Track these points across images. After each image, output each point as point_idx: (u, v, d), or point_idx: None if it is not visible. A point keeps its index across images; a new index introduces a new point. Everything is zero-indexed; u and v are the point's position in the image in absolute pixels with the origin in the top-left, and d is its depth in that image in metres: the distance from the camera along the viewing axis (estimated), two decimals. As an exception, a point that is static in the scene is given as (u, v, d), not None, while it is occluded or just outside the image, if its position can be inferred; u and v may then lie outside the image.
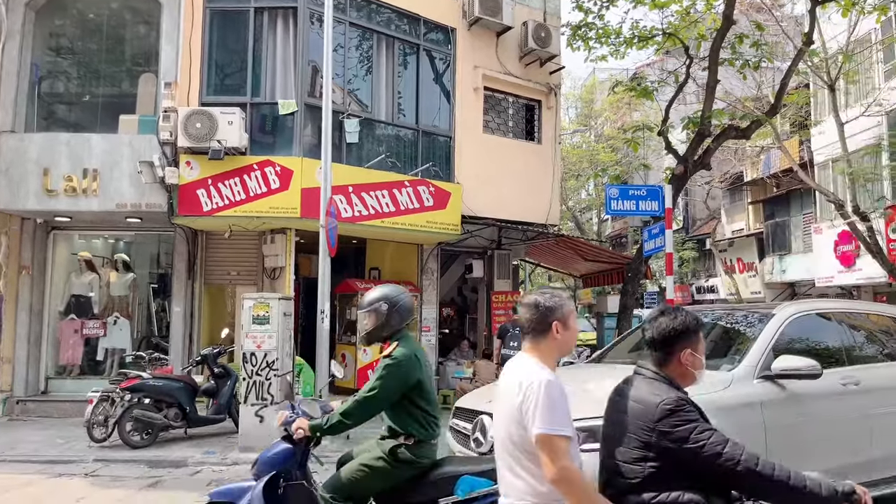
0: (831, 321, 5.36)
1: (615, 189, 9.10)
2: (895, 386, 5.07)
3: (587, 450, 3.72)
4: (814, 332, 5.25)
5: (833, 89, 16.08)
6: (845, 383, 4.82)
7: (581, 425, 3.81)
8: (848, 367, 4.99)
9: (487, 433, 4.35)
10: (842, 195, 17.38)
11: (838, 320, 5.37)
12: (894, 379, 5.11)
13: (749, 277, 26.72)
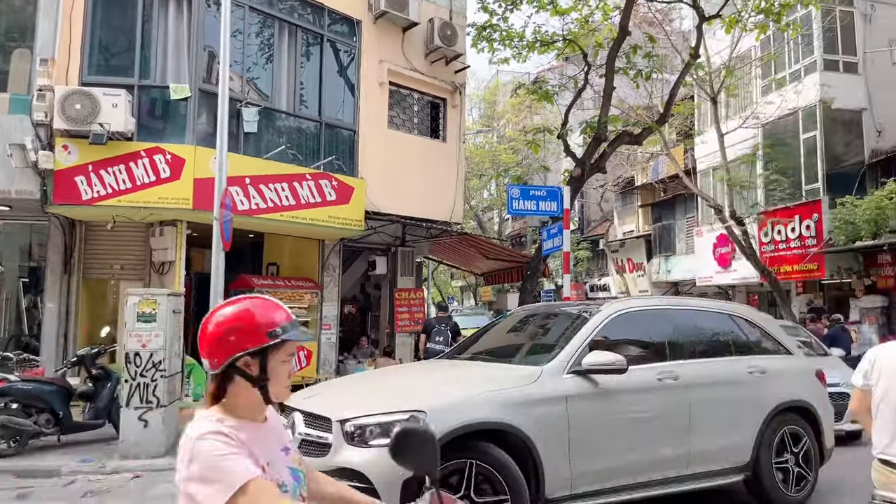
0: (657, 317, 5.48)
1: (517, 189, 9.28)
2: (715, 381, 5.20)
3: (377, 445, 3.81)
4: (638, 328, 5.36)
5: (715, 102, 17.24)
6: (662, 378, 4.90)
7: (378, 420, 3.91)
8: (670, 362, 5.07)
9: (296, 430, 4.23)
10: (721, 201, 18.68)
11: (664, 317, 5.49)
12: (715, 374, 5.25)
13: (638, 277, 28.21)
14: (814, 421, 5.63)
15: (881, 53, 17.87)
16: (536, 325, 5.95)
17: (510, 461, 4.10)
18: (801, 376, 5.81)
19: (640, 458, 4.70)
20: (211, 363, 1.65)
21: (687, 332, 5.51)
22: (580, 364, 4.53)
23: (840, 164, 17.75)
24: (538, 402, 4.29)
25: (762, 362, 5.56)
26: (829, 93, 17.47)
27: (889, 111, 17.62)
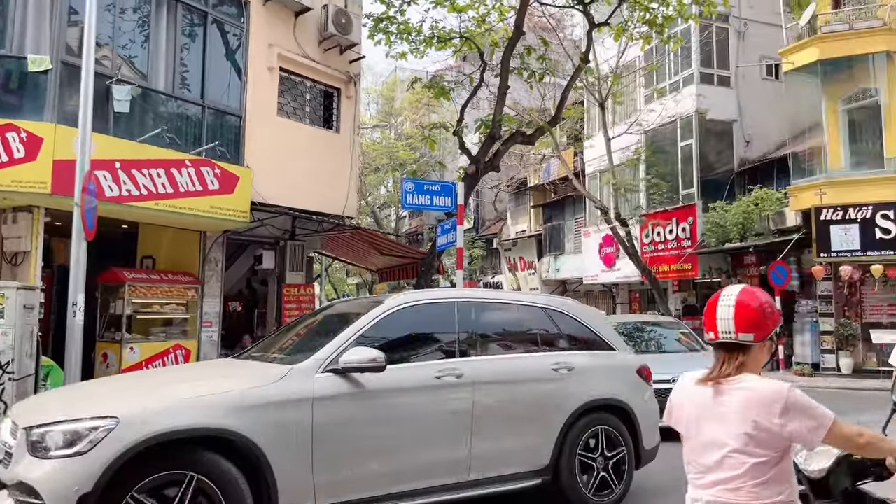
0: (448, 311, 4.92)
1: (411, 183, 9.14)
2: (510, 378, 4.87)
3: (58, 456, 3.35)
4: (426, 323, 4.92)
5: (603, 107, 17.97)
6: (442, 376, 4.51)
7: (63, 428, 3.42)
8: (457, 359, 4.69)
9: None
10: (607, 203, 19.51)
11: (457, 310, 4.93)
12: (510, 371, 4.92)
13: (529, 275, 28.98)
14: (629, 420, 5.29)
15: (752, 68, 19.36)
16: (333, 321, 5.20)
17: (236, 474, 3.64)
18: (618, 373, 5.48)
19: (403, 464, 4.26)
20: (756, 335, 2.15)
21: (485, 326, 5.10)
22: (338, 362, 4.10)
23: (713, 171, 19.05)
24: (275, 404, 3.83)
25: (573, 358, 5.21)
26: (705, 104, 18.70)
27: (757, 123, 19.12)
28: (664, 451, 5.55)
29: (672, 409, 2.40)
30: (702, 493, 2.15)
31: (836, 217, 14.43)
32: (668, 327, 10.89)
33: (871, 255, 14.05)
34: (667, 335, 10.38)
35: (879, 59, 14.65)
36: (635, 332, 10.32)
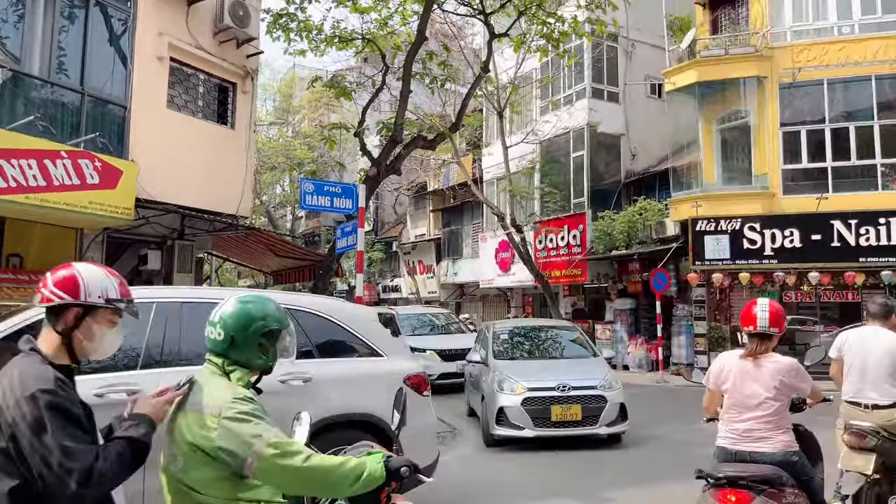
0: (146, 314, 4.20)
1: (311, 184, 8.95)
2: None
3: None
4: None
5: (501, 116, 18.46)
6: (103, 393, 3.82)
7: None
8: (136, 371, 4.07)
9: None
10: (503, 209, 20.04)
11: (157, 312, 4.32)
12: None
13: (428, 278, 29.19)
14: (386, 439, 4.15)
15: (638, 86, 20.57)
16: None
17: None
18: (375, 384, 4.64)
19: None
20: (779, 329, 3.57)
21: (185, 332, 4.26)
22: None
23: (602, 182, 20.06)
24: None
25: (312, 368, 4.54)
26: (596, 117, 19.65)
27: (642, 137, 20.32)
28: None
29: (719, 374, 3.73)
30: (739, 425, 3.55)
31: (710, 228, 15.59)
32: (564, 330, 10.60)
33: (740, 264, 15.30)
34: (562, 340, 10.02)
35: (750, 84, 16.02)
36: (531, 334, 10.22)
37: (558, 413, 7.83)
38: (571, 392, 7.90)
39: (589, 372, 8.44)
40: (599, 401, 7.96)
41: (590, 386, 8.06)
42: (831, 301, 15.40)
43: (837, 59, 15.15)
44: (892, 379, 4.43)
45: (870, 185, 14.99)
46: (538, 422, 7.84)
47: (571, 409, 7.85)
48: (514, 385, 8.04)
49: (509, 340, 9.80)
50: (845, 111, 15.50)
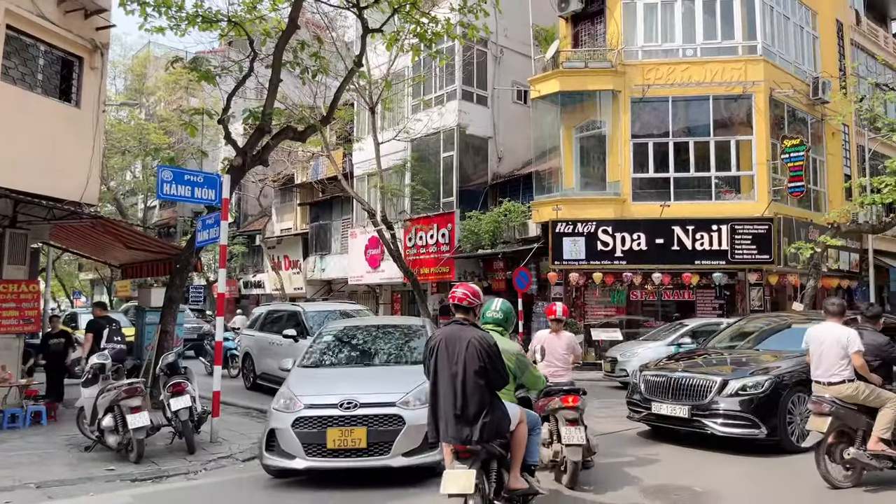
0: None
1: (169, 172, 8.35)
2: None
3: None
4: None
5: (373, 112, 18.35)
6: None
7: None
8: None
9: None
10: (374, 206, 19.95)
11: None
12: None
13: (294, 274, 28.39)
14: None
15: (506, 91, 21.32)
16: None
17: None
18: None
19: None
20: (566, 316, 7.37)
21: None
22: None
23: (470, 182, 20.59)
24: None
25: None
26: (465, 119, 20.14)
27: (509, 141, 21.11)
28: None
29: (540, 342, 6.57)
30: (551, 369, 6.50)
31: (568, 230, 16.55)
32: (407, 331, 8.02)
33: (594, 264, 16.38)
34: (398, 342, 7.76)
35: (606, 96, 17.18)
36: (362, 335, 8.05)
37: (336, 438, 5.81)
38: (358, 410, 5.89)
39: (395, 383, 6.35)
40: (394, 422, 5.86)
41: (384, 402, 5.97)
42: (671, 299, 16.90)
43: (681, 78, 16.66)
44: (840, 362, 5.98)
45: (705, 194, 16.65)
46: (311, 449, 5.87)
47: (354, 433, 5.82)
48: (292, 401, 6.15)
49: (332, 344, 7.74)
50: (686, 127, 17.10)
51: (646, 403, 7.91)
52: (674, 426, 7.68)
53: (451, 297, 4.45)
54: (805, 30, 18.97)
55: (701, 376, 7.55)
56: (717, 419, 7.18)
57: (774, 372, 7.34)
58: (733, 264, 15.87)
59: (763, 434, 7.03)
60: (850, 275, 19.07)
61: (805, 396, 7.07)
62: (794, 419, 7.29)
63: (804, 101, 17.89)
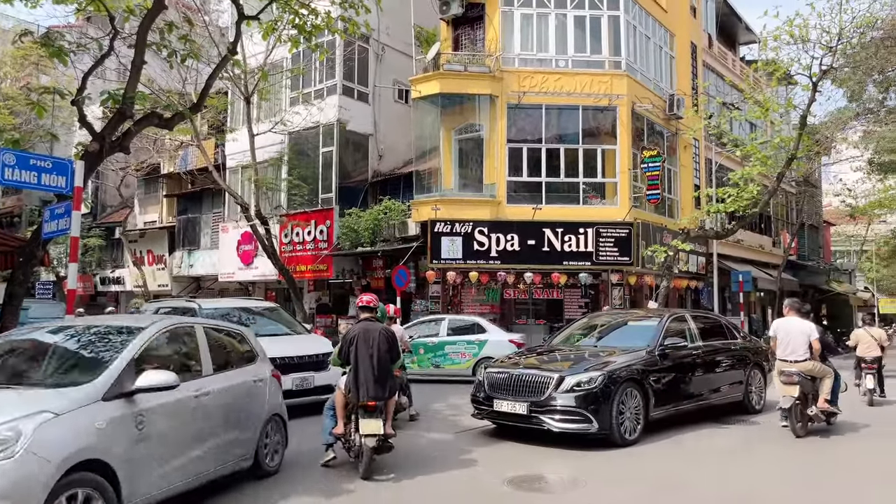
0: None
1: (11, 155, 7.53)
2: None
3: None
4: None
5: (249, 102, 17.66)
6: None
7: None
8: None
9: None
10: (248, 199, 19.21)
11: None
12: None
13: (158, 270, 26.67)
14: None
15: (387, 90, 21.30)
16: None
17: None
18: None
19: None
20: None
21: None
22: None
23: (350, 179, 20.39)
24: None
25: None
26: (346, 115, 19.91)
27: (389, 139, 21.11)
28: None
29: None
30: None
31: (446, 230, 16.84)
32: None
33: (470, 264, 16.79)
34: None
35: (484, 100, 17.66)
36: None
37: None
38: None
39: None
40: None
41: None
42: (542, 298, 17.70)
43: (554, 87, 17.49)
44: (803, 346, 8.09)
45: (574, 199, 17.60)
46: None
47: None
48: None
49: None
50: (558, 134, 17.98)
51: (488, 401, 7.85)
52: (514, 423, 7.68)
53: (360, 301, 6.81)
54: (664, 50, 20.58)
55: (540, 373, 7.64)
56: (554, 415, 7.27)
57: (608, 368, 7.51)
58: (597, 265, 16.90)
59: (595, 429, 7.16)
60: (698, 276, 20.94)
61: (636, 392, 7.53)
62: (624, 413, 7.43)
63: (661, 116, 19.42)
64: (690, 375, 8.58)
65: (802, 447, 7.62)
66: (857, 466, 6.83)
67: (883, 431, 8.61)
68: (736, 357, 9.58)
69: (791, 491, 5.88)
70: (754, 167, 15.92)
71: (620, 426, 7.34)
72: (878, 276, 45.90)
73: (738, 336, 10.19)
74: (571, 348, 8.89)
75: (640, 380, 7.70)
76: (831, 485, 6.11)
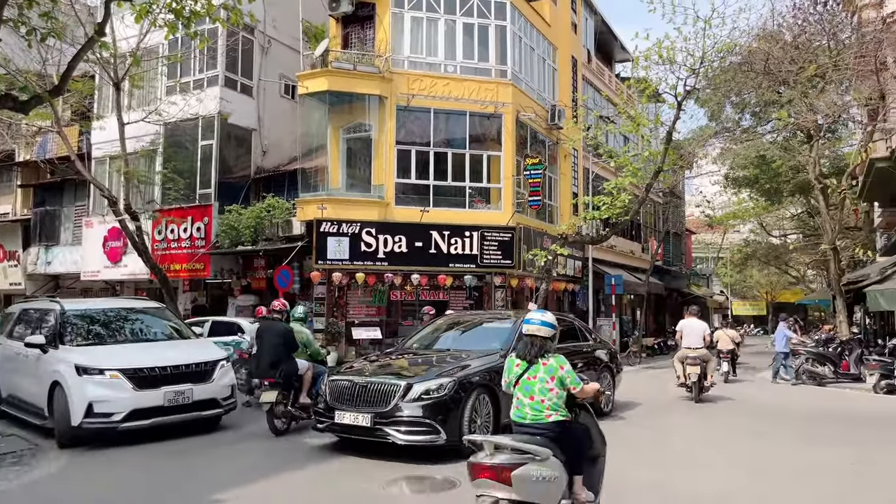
0: None
1: None
2: None
3: None
4: None
5: (119, 88, 16.44)
6: None
7: None
8: None
9: None
10: (117, 193, 17.89)
11: None
12: None
13: (10, 267, 24.26)
14: None
15: (273, 84, 20.62)
16: None
17: None
18: None
19: None
20: None
21: None
22: None
23: (231, 175, 19.53)
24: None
25: None
26: (228, 107, 19.06)
27: (274, 135, 20.46)
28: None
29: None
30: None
31: (333, 230, 16.56)
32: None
33: (357, 265, 16.62)
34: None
35: (373, 101, 17.55)
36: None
37: None
38: None
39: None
40: None
41: None
42: (428, 299, 17.84)
43: (443, 92, 17.71)
44: (700, 339, 11.87)
45: (460, 203, 17.91)
46: None
47: None
48: None
49: None
50: (446, 138, 18.22)
51: (330, 412, 7.22)
52: (358, 436, 7.09)
53: (274, 306, 9.14)
54: (547, 62, 21.45)
55: (386, 381, 7.08)
56: (400, 426, 6.74)
57: (460, 374, 7.08)
58: (482, 268, 17.30)
59: (442, 440, 6.69)
60: (575, 279, 22.01)
61: (487, 398, 7.14)
62: (476, 422, 7.01)
63: (543, 126, 20.23)
64: None
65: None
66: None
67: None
68: (588, 359, 9.50)
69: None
70: (626, 178, 16.98)
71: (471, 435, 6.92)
72: (731, 281, 50.52)
73: (589, 338, 10.22)
74: (424, 352, 8.45)
75: (493, 385, 7.16)
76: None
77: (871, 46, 14.56)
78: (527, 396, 4.33)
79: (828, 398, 13.28)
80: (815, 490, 6.15)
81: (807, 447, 8.18)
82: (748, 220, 34.34)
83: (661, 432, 9.14)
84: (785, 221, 34.86)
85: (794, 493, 6.06)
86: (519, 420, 4.35)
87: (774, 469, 6.90)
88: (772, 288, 50.47)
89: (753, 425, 9.78)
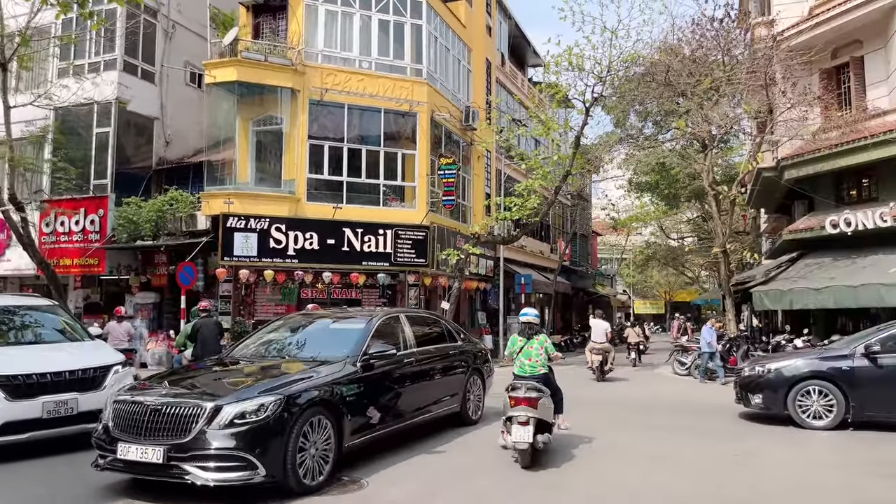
0: None
1: None
2: None
3: None
4: None
5: (5, 69, 15.15)
6: None
7: None
8: None
9: None
10: (0, 181, 16.49)
11: None
12: None
13: None
14: None
15: (177, 71, 19.65)
16: None
17: None
18: None
19: None
20: None
21: None
22: None
23: (130, 165, 18.46)
24: None
25: None
26: (127, 94, 18.01)
27: (178, 125, 19.51)
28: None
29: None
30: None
31: (240, 225, 16.00)
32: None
33: (266, 261, 16.13)
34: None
35: (285, 93, 17.09)
36: None
37: None
38: None
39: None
40: None
41: None
42: (340, 297, 17.60)
43: (357, 88, 17.51)
44: (603, 335, 15.38)
45: (375, 200, 17.78)
46: None
47: None
48: None
49: None
50: (360, 135, 18.02)
51: (113, 445, 5.42)
52: (150, 475, 5.32)
53: (201, 306, 10.83)
54: (462, 63, 21.66)
55: (187, 401, 5.37)
56: (205, 462, 5.11)
57: (289, 389, 5.55)
58: (396, 266, 17.25)
59: (261, 476, 5.16)
60: (486, 278, 22.36)
61: (325, 420, 5.70)
62: (307, 450, 5.50)
63: (458, 126, 20.42)
64: (401, 390, 7.00)
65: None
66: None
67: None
68: (455, 363, 8.37)
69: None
70: (536, 180, 17.42)
71: (299, 468, 5.39)
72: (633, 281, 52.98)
73: (458, 339, 8.89)
74: (250, 362, 6.79)
75: (335, 402, 5.89)
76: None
77: (762, 63, 15.63)
78: (527, 359, 7.06)
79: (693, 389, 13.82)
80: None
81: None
82: (649, 223, 36.11)
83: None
84: (682, 225, 36.91)
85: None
86: (521, 374, 7.01)
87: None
88: (670, 288, 53.32)
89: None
